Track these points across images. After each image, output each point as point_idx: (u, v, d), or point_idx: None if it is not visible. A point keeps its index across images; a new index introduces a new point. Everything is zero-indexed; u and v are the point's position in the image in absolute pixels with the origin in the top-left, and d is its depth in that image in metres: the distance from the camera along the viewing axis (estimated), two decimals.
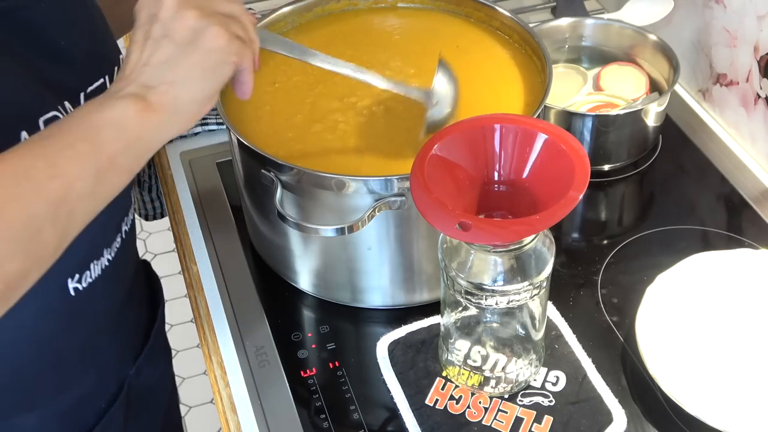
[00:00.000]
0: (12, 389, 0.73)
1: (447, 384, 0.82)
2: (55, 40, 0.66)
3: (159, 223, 2.23)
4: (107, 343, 0.81)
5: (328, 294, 0.91)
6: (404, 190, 0.77)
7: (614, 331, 0.87)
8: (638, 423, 0.79)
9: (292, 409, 0.81)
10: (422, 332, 0.87)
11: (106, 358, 0.82)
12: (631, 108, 1.03)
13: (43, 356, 0.74)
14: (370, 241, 0.83)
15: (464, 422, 0.79)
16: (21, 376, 0.73)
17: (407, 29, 1.00)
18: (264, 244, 0.94)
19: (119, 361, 0.84)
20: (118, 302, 0.81)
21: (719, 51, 1.10)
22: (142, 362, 0.87)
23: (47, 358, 0.74)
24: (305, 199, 0.81)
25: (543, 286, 0.75)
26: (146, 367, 0.88)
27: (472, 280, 0.73)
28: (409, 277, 0.87)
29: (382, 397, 0.82)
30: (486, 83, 0.92)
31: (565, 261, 0.94)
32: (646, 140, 1.06)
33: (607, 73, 1.10)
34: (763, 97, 1.03)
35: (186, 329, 2.10)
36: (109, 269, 0.75)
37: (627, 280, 0.92)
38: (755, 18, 1.01)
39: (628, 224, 1.02)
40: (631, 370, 0.83)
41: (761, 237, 0.96)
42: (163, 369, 0.96)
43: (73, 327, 0.75)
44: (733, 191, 1.03)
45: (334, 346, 0.86)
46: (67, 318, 0.73)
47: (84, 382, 0.79)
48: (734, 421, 0.75)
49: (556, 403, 0.80)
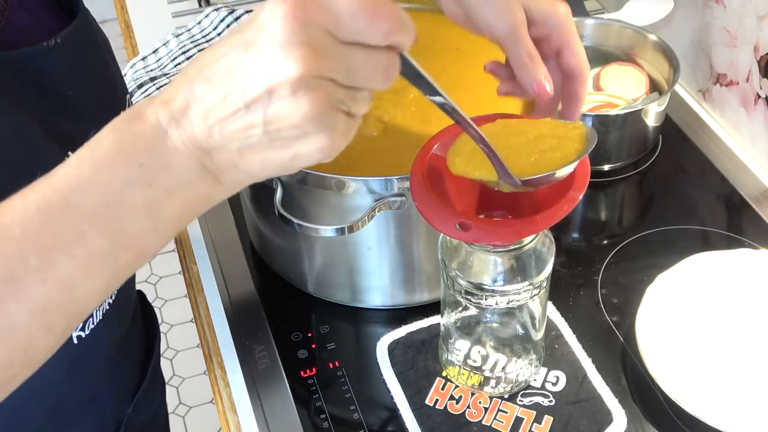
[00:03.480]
0: None
1: (447, 384, 0.82)
2: (63, 89, 0.62)
3: None
4: (107, 385, 0.78)
5: (328, 294, 0.91)
6: (404, 190, 0.77)
7: (614, 331, 0.87)
8: (638, 423, 0.79)
9: (292, 409, 0.81)
10: (422, 332, 0.87)
11: (105, 400, 0.79)
12: (631, 108, 1.03)
13: (44, 404, 0.71)
14: (370, 241, 0.83)
15: (464, 422, 0.79)
16: (21, 424, 0.70)
17: None
18: (264, 244, 0.94)
19: (117, 400, 0.81)
20: (118, 343, 0.77)
21: (719, 51, 1.10)
22: (139, 399, 0.84)
23: (48, 405, 0.71)
24: (305, 199, 0.81)
25: (543, 286, 0.75)
26: (143, 403, 0.85)
27: (472, 280, 0.73)
28: (409, 277, 0.87)
29: (382, 397, 0.82)
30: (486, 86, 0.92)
31: (565, 261, 0.94)
32: (646, 140, 1.06)
33: (607, 73, 1.10)
34: (763, 97, 1.03)
35: (186, 329, 2.10)
36: (110, 312, 0.71)
37: (627, 280, 0.92)
38: (755, 18, 1.01)
39: (628, 224, 1.02)
40: (631, 370, 0.83)
41: (761, 237, 0.96)
42: (158, 403, 0.92)
43: (74, 374, 0.71)
44: (733, 191, 1.03)
45: (334, 346, 0.87)
46: (68, 366, 0.69)
47: (83, 426, 0.77)
48: (734, 421, 0.75)
49: (556, 403, 0.80)
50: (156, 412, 0.91)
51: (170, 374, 2.00)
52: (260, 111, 0.45)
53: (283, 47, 0.44)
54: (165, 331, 2.10)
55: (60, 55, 0.62)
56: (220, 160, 0.48)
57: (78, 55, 0.64)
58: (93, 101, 0.66)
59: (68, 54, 0.63)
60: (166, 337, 2.08)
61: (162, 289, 2.20)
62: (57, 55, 0.61)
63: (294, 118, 0.45)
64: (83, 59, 0.65)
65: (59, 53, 0.61)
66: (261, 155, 0.47)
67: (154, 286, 2.20)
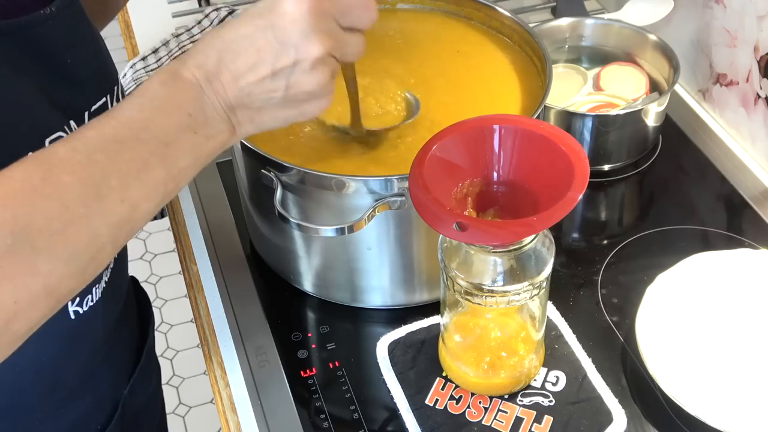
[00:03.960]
0: (10, 413, 0.72)
1: (447, 384, 0.82)
2: (62, 57, 0.65)
3: (159, 223, 2.24)
4: (103, 364, 0.79)
5: (328, 294, 0.91)
6: (404, 190, 0.77)
7: (614, 331, 0.87)
8: (638, 423, 0.79)
9: (292, 409, 0.81)
10: (422, 332, 0.87)
11: (102, 380, 0.80)
12: (631, 108, 1.03)
13: (43, 380, 0.72)
14: (370, 241, 0.83)
15: (464, 422, 0.79)
16: (20, 400, 0.72)
17: (408, 33, 1.00)
18: (264, 244, 0.94)
19: (114, 381, 0.83)
20: (113, 323, 0.79)
21: (719, 51, 1.10)
22: (135, 380, 0.85)
23: (47, 382, 0.73)
24: (305, 199, 0.81)
25: (543, 286, 0.75)
26: (139, 385, 0.86)
27: (472, 280, 0.73)
28: (409, 277, 0.87)
29: (382, 397, 0.82)
30: (486, 87, 0.92)
31: (565, 261, 0.94)
32: (646, 140, 1.07)
33: (607, 73, 1.10)
34: (763, 97, 1.04)
35: (186, 329, 2.10)
36: (107, 290, 0.73)
37: (627, 280, 0.92)
38: (755, 18, 1.01)
39: (628, 224, 1.02)
40: (631, 370, 0.83)
41: (761, 237, 0.96)
42: (154, 386, 0.94)
43: (72, 350, 0.73)
44: (733, 191, 1.03)
45: (334, 346, 0.87)
46: (67, 342, 0.71)
47: (81, 405, 0.78)
48: (734, 421, 0.75)
49: (556, 403, 0.80)
50: (153, 395, 0.93)
51: (170, 374, 2.00)
52: (284, 79, 0.60)
53: (308, 32, 0.58)
54: (165, 331, 2.10)
55: (56, 23, 0.64)
56: (242, 115, 0.61)
57: (72, 24, 0.66)
58: (91, 71, 0.68)
59: (64, 23, 0.65)
60: (166, 337, 2.08)
61: (162, 289, 2.20)
62: (53, 23, 0.63)
63: (310, 86, 0.61)
64: (78, 28, 0.67)
65: (55, 22, 0.64)
66: (275, 113, 0.62)
67: (154, 286, 2.20)
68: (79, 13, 0.68)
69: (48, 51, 0.63)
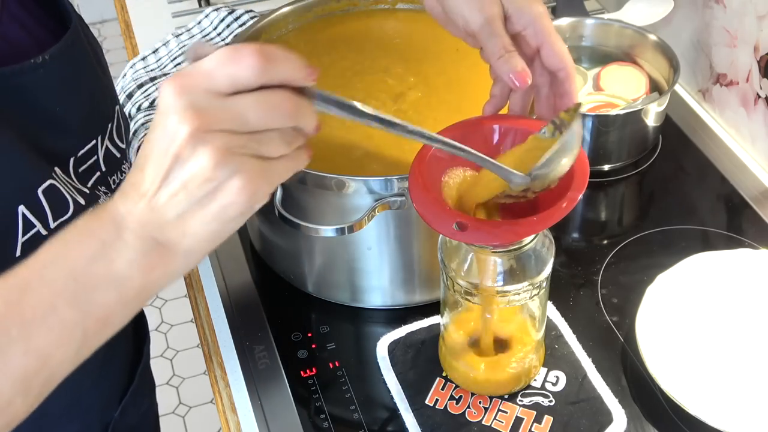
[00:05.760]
0: None
1: (447, 384, 0.82)
2: (50, 105, 0.62)
3: None
4: (93, 391, 0.77)
5: (328, 294, 0.91)
6: (404, 190, 0.77)
7: (614, 331, 0.87)
8: (638, 423, 0.79)
9: (292, 409, 0.81)
10: (422, 332, 0.87)
11: (91, 405, 0.78)
12: (631, 108, 1.03)
13: None
14: (370, 241, 0.83)
15: (464, 422, 0.79)
16: None
17: (408, 33, 1.00)
18: (264, 244, 0.94)
19: (104, 405, 0.80)
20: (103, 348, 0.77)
21: (719, 51, 1.10)
22: (127, 402, 0.82)
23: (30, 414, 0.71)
24: (305, 199, 0.81)
25: (543, 286, 0.75)
26: (131, 407, 0.83)
27: (472, 280, 0.73)
28: (409, 277, 0.87)
29: (382, 397, 0.82)
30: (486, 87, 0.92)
31: (565, 261, 0.94)
32: (646, 140, 1.06)
33: (607, 73, 1.10)
34: (763, 97, 1.03)
35: (186, 329, 2.10)
36: None
37: (627, 280, 0.92)
38: (755, 18, 1.01)
39: (628, 224, 1.02)
40: (631, 370, 0.83)
41: (761, 237, 0.96)
42: (147, 405, 0.91)
43: None
44: (733, 191, 1.02)
45: (334, 346, 0.87)
46: None
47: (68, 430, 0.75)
48: (734, 421, 0.75)
49: (556, 403, 0.80)
50: (145, 415, 0.90)
51: (170, 374, 2.00)
52: (177, 178, 0.50)
53: (172, 116, 0.49)
54: (165, 331, 2.10)
55: (47, 71, 0.62)
56: (168, 231, 0.52)
57: (66, 71, 0.64)
58: (81, 118, 0.66)
59: (56, 71, 0.63)
60: (166, 337, 2.08)
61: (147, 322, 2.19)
62: (45, 71, 0.61)
63: (204, 172, 0.49)
64: (72, 75, 0.65)
65: (47, 70, 0.62)
66: (197, 217, 0.51)
67: None
68: (79, 57, 0.66)
69: (35, 99, 0.61)
